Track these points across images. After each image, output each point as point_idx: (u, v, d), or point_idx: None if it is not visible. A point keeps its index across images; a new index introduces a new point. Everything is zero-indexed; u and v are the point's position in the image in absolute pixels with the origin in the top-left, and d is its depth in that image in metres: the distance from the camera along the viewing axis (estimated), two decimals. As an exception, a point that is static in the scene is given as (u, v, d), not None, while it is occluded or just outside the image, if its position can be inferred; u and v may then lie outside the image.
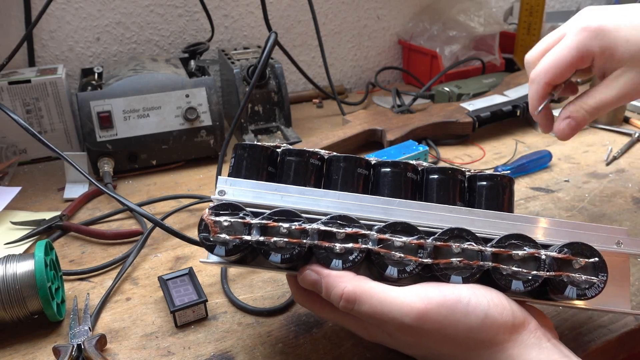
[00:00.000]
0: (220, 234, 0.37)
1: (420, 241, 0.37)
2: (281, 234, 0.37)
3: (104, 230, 0.63)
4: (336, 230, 0.37)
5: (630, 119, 0.95)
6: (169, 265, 0.58)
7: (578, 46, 0.48)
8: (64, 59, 0.93)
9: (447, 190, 0.41)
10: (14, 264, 0.47)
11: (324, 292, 0.38)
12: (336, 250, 0.37)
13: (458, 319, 0.35)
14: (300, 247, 0.37)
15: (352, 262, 0.37)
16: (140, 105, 0.76)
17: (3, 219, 0.65)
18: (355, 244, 0.37)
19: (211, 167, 0.81)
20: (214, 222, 0.37)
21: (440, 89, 1.01)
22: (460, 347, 0.36)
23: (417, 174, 0.42)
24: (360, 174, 0.41)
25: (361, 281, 0.37)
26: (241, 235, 0.37)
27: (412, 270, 0.37)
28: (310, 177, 0.41)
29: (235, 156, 0.42)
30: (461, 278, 0.37)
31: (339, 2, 1.12)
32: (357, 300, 0.36)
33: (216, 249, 0.37)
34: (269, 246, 0.37)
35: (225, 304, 0.52)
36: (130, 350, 0.46)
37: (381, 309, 0.35)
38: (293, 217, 0.37)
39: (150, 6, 0.96)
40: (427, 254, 0.37)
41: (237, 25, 1.04)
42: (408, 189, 0.41)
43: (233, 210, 0.38)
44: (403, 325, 0.35)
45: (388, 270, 0.37)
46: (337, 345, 0.46)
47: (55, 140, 0.81)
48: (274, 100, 0.88)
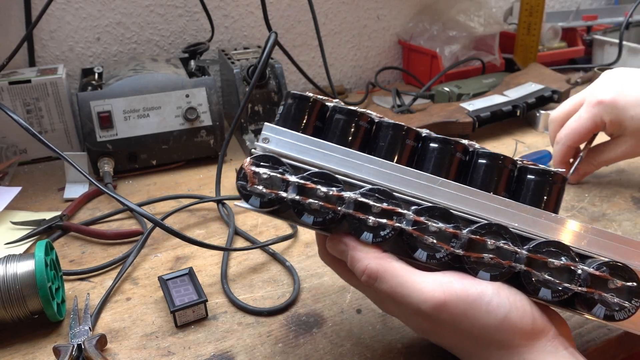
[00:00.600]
0: (258, 186, 0.37)
1: (456, 231, 0.36)
2: (317, 197, 0.36)
3: (104, 230, 0.63)
4: (373, 203, 0.36)
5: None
6: (169, 265, 0.58)
7: (594, 118, 0.64)
8: (64, 59, 0.93)
9: (494, 178, 0.39)
10: (14, 264, 0.47)
11: (349, 264, 0.38)
12: (369, 223, 0.36)
13: (475, 316, 0.35)
14: (334, 213, 0.36)
15: (383, 237, 0.37)
16: (140, 105, 0.76)
17: (3, 219, 0.65)
18: (389, 221, 0.36)
19: (211, 167, 0.81)
20: (254, 173, 0.37)
21: (440, 89, 1.01)
22: (472, 342, 0.36)
23: (466, 155, 0.40)
24: (408, 145, 0.39)
25: (385, 260, 0.36)
26: (278, 190, 0.37)
27: (442, 258, 0.36)
28: (356, 139, 0.40)
29: (284, 104, 0.41)
30: (489, 275, 0.36)
31: (339, 2, 1.12)
32: (378, 278, 0.36)
33: (251, 200, 0.37)
34: (304, 206, 0.37)
35: (225, 304, 0.52)
36: (130, 350, 0.46)
37: (400, 291, 0.35)
38: (332, 181, 0.37)
39: (150, 6, 0.96)
40: (459, 245, 0.36)
41: (237, 25, 1.04)
42: (454, 168, 0.39)
43: (274, 163, 0.37)
44: (419, 311, 0.35)
45: (417, 253, 0.36)
46: (337, 345, 0.46)
47: (55, 140, 0.82)
48: (274, 100, 0.88)
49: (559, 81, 0.99)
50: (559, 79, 1.01)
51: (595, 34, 1.26)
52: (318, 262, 0.58)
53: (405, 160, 0.39)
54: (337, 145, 0.38)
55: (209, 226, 0.65)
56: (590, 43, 1.27)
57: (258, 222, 0.66)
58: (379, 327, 0.48)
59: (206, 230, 0.64)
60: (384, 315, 0.50)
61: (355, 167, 0.38)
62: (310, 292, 0.53)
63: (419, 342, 0.46)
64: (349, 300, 0.52)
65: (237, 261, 0.58)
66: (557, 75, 1.03)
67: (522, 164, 0.40)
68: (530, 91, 0.93)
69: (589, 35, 1.27)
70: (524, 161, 0.40)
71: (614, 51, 1.18)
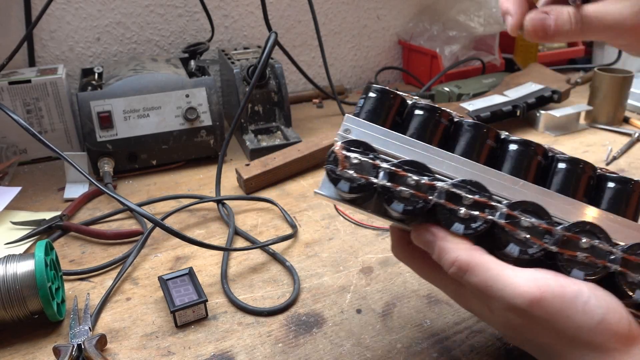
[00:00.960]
0: (349, 170, 0.36)
1: (550, 227, 0.35)
2: (408, 185, 0.36)
3: (104, 230, 0.63)
4: (465, 194, 0.36)
5: (630, 119, 0.95)
6: (169, 265, 0.58)
7: None
8: (64, 59, 0.93)
9: (574, 183, 0.38)
10: (14, 264, 0.47)
11: (436, 255, 0.37)
12: (460, 214, 0.36)
13: (571, 315, 0.33)
14: (425, 202, 0.36)
15: (474, 230, 0.36)
16: (140, 105, 0.77)
17: (3, 219, 0.65)
18: (481, 213, 0.36)
19: (211, 167, 0.81)
20: (345, 157, 0.36)
21: (440, 89, 1.01)
22: (564, 342, 0.35)
23: (545, 158, 0.39)
24: (488, 145, 0.39)
25: (477, 252, 0.35)
26: (368, 176, 0.36)
27: (534, 254, 0.35)
28: (435, 136, 0.39)
29: (365, 97, 0.40)
30: (583, 274, 0.35)
31: (339, 2, 1.12)
32: (469, 270, 0.35)
33: (340, 184, 0.36)
34: (394, 194, 0.36)
35: (225, 304, 0.52)
36: (130, 350, 0.46)
37: (493, 285, 0.34)
38: (423, 170, 0.36)
39: (150, 6, 0.96)
40: (553, 241, 0.35)
41: (237, 25, 1.04)
42: (533, 171, 0.38)
43: (364, 149, 0.37)
44: (512, 307, 0.34)
45: (509, 248, 0.35)
46: (337, 345, 0.46)
47: (55, 140, 0.82)
48: (274, 100, 0.88)
49: (559, 81, 0.99)
50: (559, 79, 1.01)
51: (595, 34, 1.26)
52: (318, 262, 0.58)
53: (484, 160, 0.39)
54: (417, 141, 0.38)
55: (209, 226, 0.65)
56: (590, 43, 1.27)
57: (258, 222, 0.66)
58: (379, 327, 0.48)
59: (206, 230, 0.64)
60: (384, 315, 0.50)
61: (436, 163, 0.37)
62: (310, 292, 0.53)
63: (419, 342, 0.46)
64: (349, 300, 0.52)
65: (237, 261, 0.58)
66: (557, 75, 1.03)
67: (601, 171, 0.40)
68: (530, 91, 0.93)
69: (589, 35, 1.26)
70: (602, 168, 0.40)
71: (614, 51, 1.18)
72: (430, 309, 0.50)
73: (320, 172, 0.79)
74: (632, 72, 0.93)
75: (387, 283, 0.54)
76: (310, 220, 0.66)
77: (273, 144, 0.83)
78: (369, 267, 0.56)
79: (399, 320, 0.49)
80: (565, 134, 0.91)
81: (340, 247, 0.60)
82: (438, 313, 0.50)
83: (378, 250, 0.59)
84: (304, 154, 0.77)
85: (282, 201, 0.70)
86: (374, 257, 0.58)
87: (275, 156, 0.76)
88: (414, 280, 0.54)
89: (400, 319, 0.49)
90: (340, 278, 0.55)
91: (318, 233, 0.63)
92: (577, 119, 0.94)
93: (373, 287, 0.54)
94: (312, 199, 0.71)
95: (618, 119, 0.94)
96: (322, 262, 0.58)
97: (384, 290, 0.53)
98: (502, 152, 0.39)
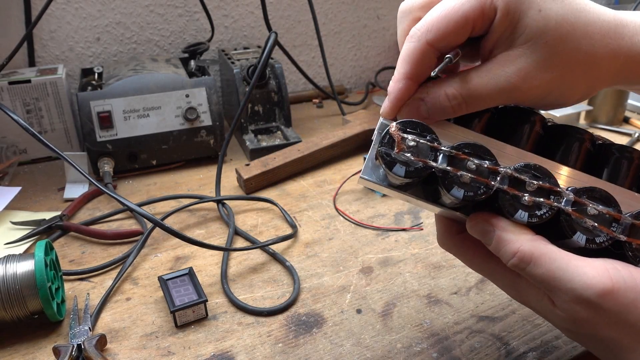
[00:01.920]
0: (406, 153, 0.34)
1: (618, 214, 0.34)
2: (469, 169, 0.34)
3: (104, 230, 0.63)
4: (529, 180, 0.34)
5: (630, 119, 0.95)
6: (169, 265, 0.58)
7: None
8: (64, 59, 0.93)
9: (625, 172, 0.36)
10: (14, 264, 0.47)
11: (494, 246, 0.35)
12: (524, 201, 0.34)
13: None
14: (487, 188, 0.34)
15: (539, 217, 0.34)
16: (140, 105, 0.76)
17: (3, 219, 0.65)
18: (546, 200, 0.34)
19: (211, 167, 0.81)
20: (402, 138, 0.34)
21: (440, 89, 1.01)
22: (634, 335, 0.33)
23: (593, 147, 0.37)
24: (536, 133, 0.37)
25: (540, 242, 0.33)
26: (426, 159, 0.34)
27: (602, 243, 0.34)
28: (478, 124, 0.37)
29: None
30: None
31: (339, 2, 1.12)
32: (533, 261, 0.33)
33: (395, 168, 0.34)
34: (454, 178, 0.33)
35: (225, 304, 0.52)
36: (130, 350, 0.46)
37: (561, 276, 0.32)
38: (485, 154, 0.34)
39: (150, 6, 0.96)
40: (621, 230, 0.34)
41: (237, 25, 1.04)
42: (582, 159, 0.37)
43: (422, 131, 0.34)
44: (580, 298, 0.32)
45: (576, 236, 0.34)
46: (337, 345, 0.46)
47: (55, 140, 0.82)
48: (274, 100, 0.88)
49: (559, 81, 0.99)
50: (559, 79, 1.00)
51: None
52: (318, 262, 0.58)
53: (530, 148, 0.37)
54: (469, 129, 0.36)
55: (209, 226, 0.65)
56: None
57: (258, 222, 0.66)
58: (379, 327, 0.48)
59: (206, 230, 0.64)
60: (384, 315, 0.50)
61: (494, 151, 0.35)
62: (310, 292, 0.53)
63: (419, 342, 0.46)
64: (349, 300, 0.52)
65: (237, 261, 0.58)
66: (557, 75, 1.02)
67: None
68: (530, 91, 0.93)
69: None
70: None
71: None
72: (430, 309, 0.50)
73: (320, 172, 0.79)
74: (632, 72, 0.93)
75: (387, 283, 0.54)
76: (310, 220, 0.66)
77: (273, 144, 0.83)
78: (369, 267, 0.56)
79: (398, 320, 0.49)
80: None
81: (340, 247, 0.60)
82: (438, 313, 0.50)
83: (378, 250, 0.59)
84: (304, 154, 0.77)
85: (282, 201, 0.70)
86: (374, 257, 0.58)
87: (275, 156, 0.76)
88: (414, 280, 0.54)
89: (400, 319, 0.49)
90: (340, 278, 0.55)
91: (318, 233, 0.63)
92: (577, 119, 0.94)
93: (373, 287, 0.54)
94: (312, 199, 0.71)
95: (618, 119, 0.94)
96: (322, 262, 0.58)
97: (384, 290, 0.53)
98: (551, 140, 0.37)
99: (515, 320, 0.49)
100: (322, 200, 0.70)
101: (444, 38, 0.34)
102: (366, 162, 0.37)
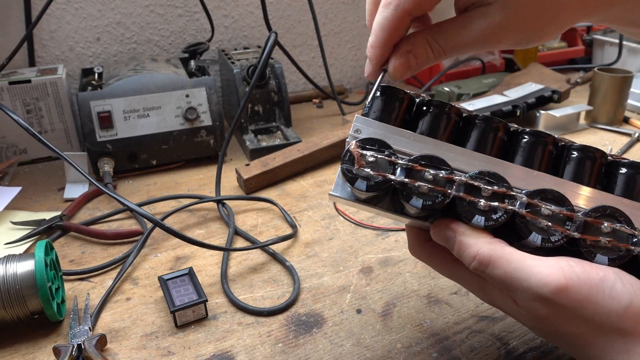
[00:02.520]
0: (365, 168, 0.36)
1: (571, 213, 0.35)
2: (426, 180, 0.36)
3: (104, 230, 0.63)
4: (484, 186, 0.35)
5: (630, 119, 0.95)
6: (169, 265, 0.58)
7: None
8: (64, 59, 0.93)
9: (587, 171, 0.38)
10: (14, 263, 0.47)
11: (456, 250, 0.36)
12: (480, 206, 0.35)
13: (599, 301, 0.33)
14: (444, 196, 0.35)
15: (495, 221, 0.36)
16: (140, 105, 0.77)
17: (3, 219, 0.65)
18: (501, 204, 0.35)
19: (211, 167, 0.81)
20: (361, 155, 0.36)
21: (440, 89, 1.01)
22: (592, 329, 0.35)
23: (556, 149, 0.39)
24: (499, 139, 0.39)
25: (497, 244, 0.35)
26: (385, 173, 0.36)
27: (557, 242, 0.35)
28: (445, 132, 0.39)
29: (372, 96, 0.40)
30: (607, 259, 0.35)
31: (339, 2, 1.12)
32: (491, 263, 0.35)
33: (357, 183, 0.36)
34: (412, 190, 0.36)
35: (225, 304, 0.52)
36: (130, 350, 0.46)
37: (517, 276, 0.34)
38: (440, 164, 0.36)
39: (150, 6, 0.96)
40: (575, 227, 0.35)
41: (237, 25, 1.04)
42: (545, 162, 0.38)
43: (380, 147, 0.37)
44: (537, 296, 0.34)
45: (532, 237, 0.35)
46: (337, 345, 0.46)
47: (55, 140, 0.82)
48: (274, 100, 0.88)
49: (559, 81, 0.99)
50: (559, 79, 1.01)
51: (596, 33, 1.26)
52: (318, 262, 0.58)
53: (495, 153, 0.39)
54: (428, 137, 0.38)
55: (209, 226, 0.65)
56: (590, 43, 1.27)
57: (258, 222, 0.66)
58: (379, 327, 0.48)
59: (206, 230, 0.64)
60: (384, 315, 0.50)
61: (449, 159, 0.37)
62: (310, 292, 0.53)
63: (419, 342, 0.46)
64: (349, 300, 0.52)
65: (237, 261, 0.58)
66: (557, 75, 1.03)
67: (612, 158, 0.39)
68: (530, 91, 0.93)
69: (589, 35, 1.27)
70: (612, 155, 0.39)
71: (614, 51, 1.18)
72: (430, 309, 0.50)
73: (320, 172, 0.79)
74: (632, 72, 0.93)
75: (387, 283, 0.54)
76: (310, 220, 0.66)
77: (273, 144, 0.83)
78: (368, 267, 0.56)
79: (398, 320, 0.49)
80: (565, 134, 0.91)
81: (340, 247, 0.60)
82: (438, 313, 0.50)
83: (378, 250, 0.59)
84: (304, 154, 0.77)
85: (282, 201, 0.70)
86: (374, 257, 0.58)
87: (275, 156, 0.76)
88: (414, 280, 0.54)
89: (400, 319, 0.49)
90: (340, 278, 0.55)
91: (318, 233, 0.63)
92: (577, 119, 0.94)
93: (373, 287, 0.54)
94: (312, 199, 0.71)
95: (618, 119, 0.94)
96: (322, 262, 0.58)
97: (384, 290, 0.53)
98: (514, 144, 0.39)
99: (515, 320, 0.49)
100: (322, 200, 0.70)
101: (421, 6, 0.36)
102: (336, 179, 0.38)
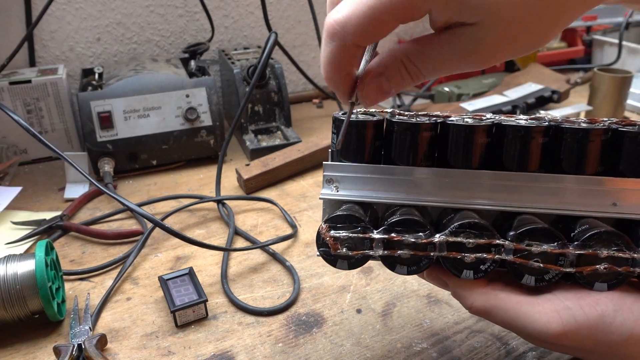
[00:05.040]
0: (341, 250, 0.35)
1: (563, 250, 0.34)
2: (406, 246, 0.35)
3: (104, 230, 0.63)
4: (466, 240, 0.34)
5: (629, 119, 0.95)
6: (169, 265, 0.58)
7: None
8: (64, 59, 0.93)
9: (587, 157, 0.36)
10: (14, 263, 0.47)
11: (452, 295, 0.37)
12: (466, 260, 0.35)
13: (599, 338, 0.33)
14: (428, 260, 0.35)
15: (484, 272, 0.35)
16: (140, 105, 0.77)
17: (4, 219, 0.65)
18: (488, 254, 0.34)
19: (211, 167, 0.81)
20: (334, 239, 0.35)
21: (440, 89, 1.01)
22: (598, 357, 0.35)
23: (547, 137, 0.36)
24: (481, 144, 0.36)
25: (491, 295, 0.35)
26: (363, 250, 0.35)
27: (552, 279, 0.35)
28: (418, 153, 0.37)
29: (335, 133, 0.38)
30: (606, 285, 0.34)
31: (339, 2, 1.11)
32: (487, 314, 0.35)
33: (338, 264, 0.36)
34: (394, 259, 0.35)
35: (225, 303, 0.52)
36: (130, 349, 0.46)
37: (515, 324, 0.34)
38: (417, 226, 0.35)
39: (150, 6, 0.96)
40: (569, 262, 0.34)
41: (237, 25, 1.04)
42: (535, 160, 0.36)
43: (350, 222, 0.35)
44: (539, 341, 0.34)
45: (524, 279, 0.35)
46: (337, 345, 0.46)
47: (55, 141, 0.82)
48: (274, 100, 0.88)
49: (559, 81, 0.99)
50: (558, 79, 1.01)
51: (595, 34, 1.26)
52: (318, 262, 0.58)
53: (477, 162, 0.36)
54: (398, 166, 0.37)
55: (209, 226, 0.65)
56: (590, 43, 1.27)
57: (258, 222, 0.66)
58: (378, 327, 0.48)
59: (206, 230, 0.64)
60: (384, 315, 0.50)
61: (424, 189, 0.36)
62: (310, 292, 0.53)
63: (419, 342, 0.46)
64: (349, 300, 0.52)
65: (237, 261, 0.58)
66: (557, 76, 1.03)
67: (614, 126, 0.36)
68: (530, 91, 0.93)
69: (588, 36, 1.27)
70: (617, 122, 0.36)
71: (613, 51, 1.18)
72: (430, 309, 0.50)
73: (320, 172, 0.79)
74: (632, 72, 0.93)
75: (387, 283, 0.54)
76: (310, 220, 0.66)
77: (273, 144, 0.83)
78: (368, 267, 0.57)
79: (398, 320, 0.49)
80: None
81: (340, 247, 0.60)
82: (438, 313, 0.50)
83: (378, 250, 0.59)
84: (304, 154, 0.77)
85: (282, 201, 0.70)
86: (373, 257, 0.58)
87: (275, 156, 0.77)
88: (414, 280, 0.54)
89: (400, 318, 0.49)
90: (340, 278, 0.55)
91: (318, 233, 0.63)
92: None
93: (373, 287, 0.54)
94: (312, 198, 0.71)
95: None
96: (322, 262, 0.57)
97: (384, 290, 0.53)
98: (498, 144, 0.36)
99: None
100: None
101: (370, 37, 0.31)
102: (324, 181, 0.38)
